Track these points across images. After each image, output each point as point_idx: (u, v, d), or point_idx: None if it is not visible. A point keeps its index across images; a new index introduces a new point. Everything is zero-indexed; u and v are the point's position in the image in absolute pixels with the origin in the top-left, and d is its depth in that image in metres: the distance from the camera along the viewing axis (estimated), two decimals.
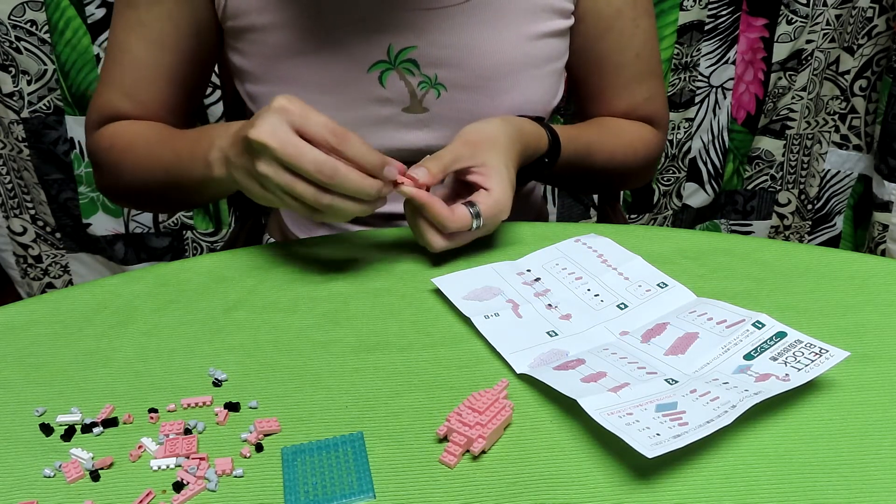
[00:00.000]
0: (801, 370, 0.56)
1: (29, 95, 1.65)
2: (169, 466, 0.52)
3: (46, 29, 1.60)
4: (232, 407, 0.57)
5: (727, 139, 1.88)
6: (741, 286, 0.69)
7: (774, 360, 0.57)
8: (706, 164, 1.90)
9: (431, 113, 0.86)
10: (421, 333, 0.65)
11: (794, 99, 1.85)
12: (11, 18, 1.58)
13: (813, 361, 0.56)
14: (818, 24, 1.77)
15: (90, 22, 1.61)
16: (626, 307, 0.66)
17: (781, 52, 1.79)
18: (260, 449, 0.53)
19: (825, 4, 1.74)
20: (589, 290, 0.68)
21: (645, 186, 1.86)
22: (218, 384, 0.60)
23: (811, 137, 1.91)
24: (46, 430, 0.55)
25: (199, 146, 0.74)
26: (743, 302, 0.64)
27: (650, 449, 0.48)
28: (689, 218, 1.95)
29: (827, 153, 1.92)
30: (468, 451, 0.52)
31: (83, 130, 1.10)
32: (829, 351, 0.57)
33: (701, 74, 1.79)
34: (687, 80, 1.78)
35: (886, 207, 1.77)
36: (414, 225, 0.72)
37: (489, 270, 0.71)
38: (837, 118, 1.88)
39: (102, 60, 0.89)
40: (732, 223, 2.01)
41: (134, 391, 0.59)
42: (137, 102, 0.86)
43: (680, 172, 1.89)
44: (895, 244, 1.78)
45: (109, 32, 0.87)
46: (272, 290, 0.71)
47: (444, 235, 0.72)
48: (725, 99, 1.83)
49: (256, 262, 0.75)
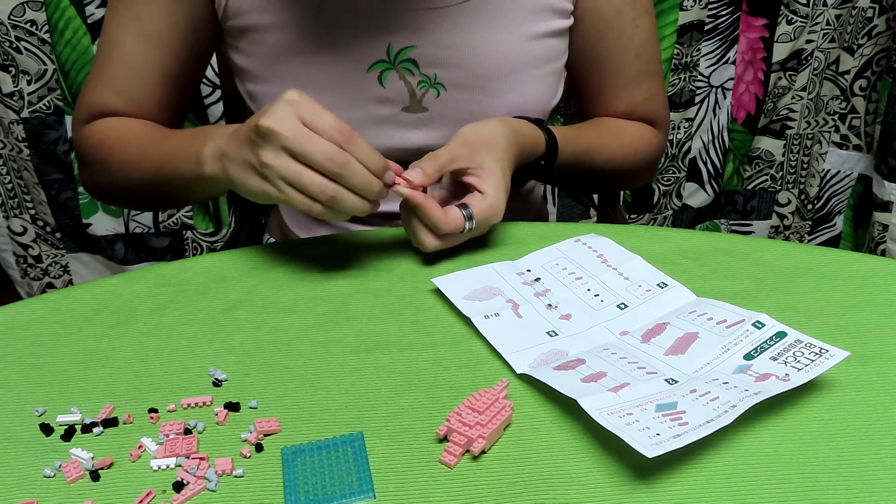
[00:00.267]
0: (801, 370, 0.56)
1: (29, 95, 1.65)
2: (169, 466, 0.52)
3: (46, 29, 1.60)
4: (232, 407, 0.57)
5: (727, 139, 1.88)
6: (741, 286, 0.69)
7: (774, 360, 0.57)
8: (706, 164, 1.90)
9: (431, 112, 0.86)
10: (421, 333, 0.65)
11: (794, 99, 1.85)
12: (11, 18, 1.58)
13: (813, 361, 0.56)
14: (818, 24, 1.77)
15: (90, 22, 1.61)
16: (626, 307, 0.66)
17: (781, 52, 1.79)
18: (260, 449, 0.53)
19: (825, 4, 1.74)
20: (589, 290, 0.68)
21: (645, 186, 1.86)
22: (218, 384, 0.60)
23: (811, 137, 1.91)
24: (46, 430, 0.55)
25: (193, 143, 0.74)
26: (743, 302, 0.64)
27: (650, 449, 0.48)
28: (689, 218, 1.95)
29: (827, 153, 1.92)
30: (468, 451, 0.52)
31: None
32: (829, 351, 0.57)
33: (701, 74, 1.79)
34: (687, 80, 1.78)
35: (886, 207, 1.77)
36: (408, 225, 0.72)
37: (489, 270, 0.71)
38: (837, 118, 1.88)
39: (94, 56, 0.88)
40: (732, 223, 2.01)
41: (134, 391, 0.59)
42: (128, 99, 0.86)
43: (680, 172, 1.89)
44: (895, 244, 1.78)
45: (102, 28, 0.86)
46: (272, 290, 0.71)
47: (436, 236, 0.72)
48: (725, 99, 1.83)
49: (256, 262, 0.75)
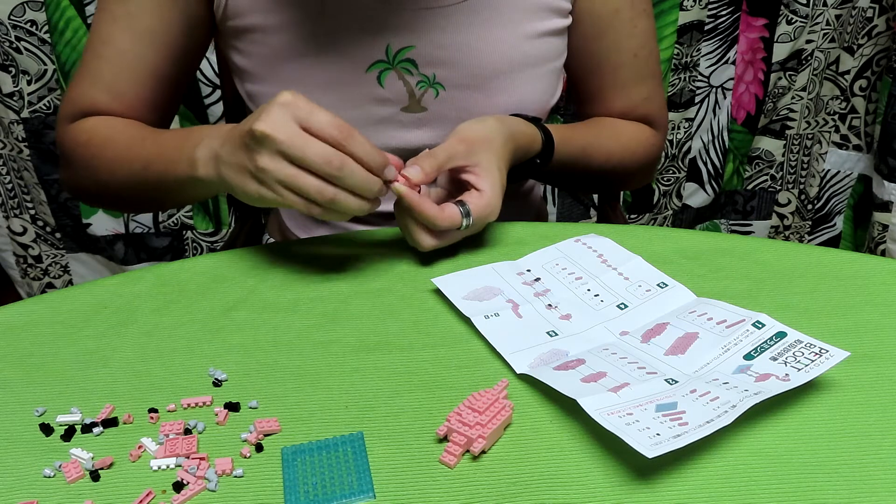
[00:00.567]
0: (801, 370, 0.56)
1: (29, 95, 1.65)
2: (169, 466, 0.52)
3: (46, 29, 1.61)
4: (232, 407, 0.57)
5: (727, 139, 1.88)
6: (741, 286, 0.69)
7: (774, 360, 0.57)
8: (706, 164, 1.90)
9: (430, 112, 0.86)
10: (421, 333, 0.65)
11: (794, 99, 1.85)
12: (11, 18, 1.58)
13: (813, 361, 0.56)
14: (818, 24, 1.77)
15: (90, 22, 1.61)
16: (626, 307, 0.66)
17: (781, 52, 1.79)
18: (260, 449, 0.53)
19: (825, 4, 1.74)
20: (589, 290, 0.68)
21: (645, 186, 1.86)
22: (218, 384, 0.60)
23: (811, 137, 1.91)
24: (46, 430, 0.55)
25: (185, 144, 0.73)
26: (743, 302, 0.64)
27: (650, 449, 0.48)
28: (689, 218, 1.95)
29: (827, 153, 1.92)
30: (468, 451, 0.52)
31: None
32: (829, 351, 0.57)
33: (701, 74, 1.79)
34: (687, 80, 1.78)
35: (886, 207, 1.77)
36: (403, 224, 0.72)
37: (489, 270, 0.71)
38: (837, 118, 1.88)
39: (82, 53, 0.86)
40: (732, 223, 2.01)
41: (134, 391, 0.59)
42: (116, 97, 0.84)
43: (680, 172, 1.89)
44: (895, 244, 1.78)
45: (92, 25, 0.85)
46: (272, 290, 0.71)
47: (432, 234, 0.71)
48: (725, 99, 1.83)
49: (256, 262, 0.75)
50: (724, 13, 1.74)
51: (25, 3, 1.57)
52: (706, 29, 1.75)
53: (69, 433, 0.55)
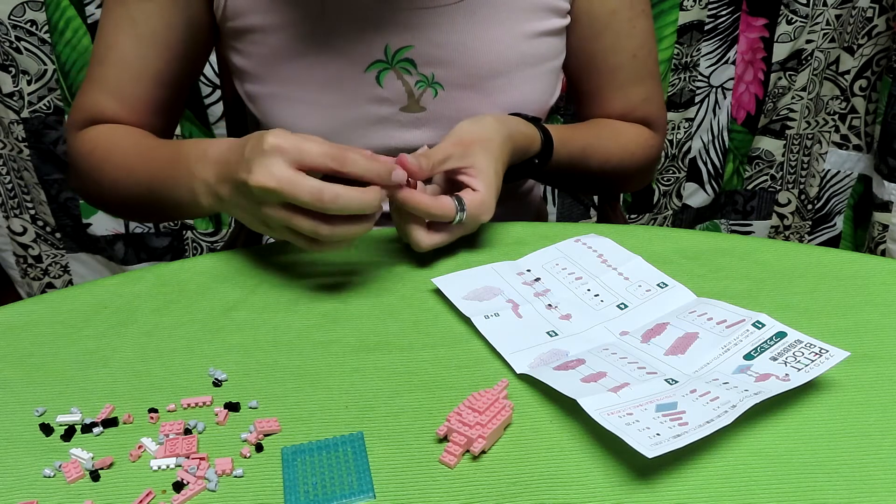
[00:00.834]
0: (801, 370, 0.56)
1: (29, 95, 1.65)
2: (169, 466, 0.52)
3: (46, 29, 1.61)
4: (232, 407, 0.57)
5: (727, 139, 1.88)
6: (741, 286, 0.69)
7: (774, 360, 0.57)
8: (706, 164, 1.90)
9: (429, 112, 0.86)
10: (421, 333, 0.65)
11: (794, 99, 1.85)
12: (11, 18, 1.58)
13: (813, 361, 0.56)
14: (818, 24, 1.77)
15: (90, 22, 1.61)
16: (626, 307, 0.66)
17: (781, 52, 1.79)
18: (260, 449, 0.53)
19: (825, 4, 1.74)
20: (589, 290, 0.68)
21: (645, 186, 1.86)
22: (218, 384, 0.60)
23: (811, 137, 1.91)
24: (46, 430, 0.55)
25: (178, 172, 0.73)
26: (743, 302, 0.64)
27: (650, 449, 0.48)
28: (689, 218, 1.95)
29: (827, 153, 1.92)
30: (468, 451, 0.52)
31: None
32: (829, 351, 0.57)
33: (701, 74, 1.79)
34: (687, 80, 1.78)
35: (886, 207, 1.77)
36: (399, 225, 0.72)
37: (489, 270, 0.71)
38: (837, 118, 1.88)
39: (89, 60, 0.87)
40: (732, 223, 2.01)
41: (134, 391, 0.59)
42: (122, 101, 0.85)
43: (680, 172, 1.89)
44: (895, 244, 1.78)
45: (98, 30, 0.85)
46: (272, 290, 0.71)
47: (428, 232, 0.71)
48: (725, 99, 1.83)
49: (256, 262, 0.75)
50: (724, 13, 1.74)
51: (25, 3, 1.57)
52: (706, 29, 1.75)
53: (69, 433, 0.55)
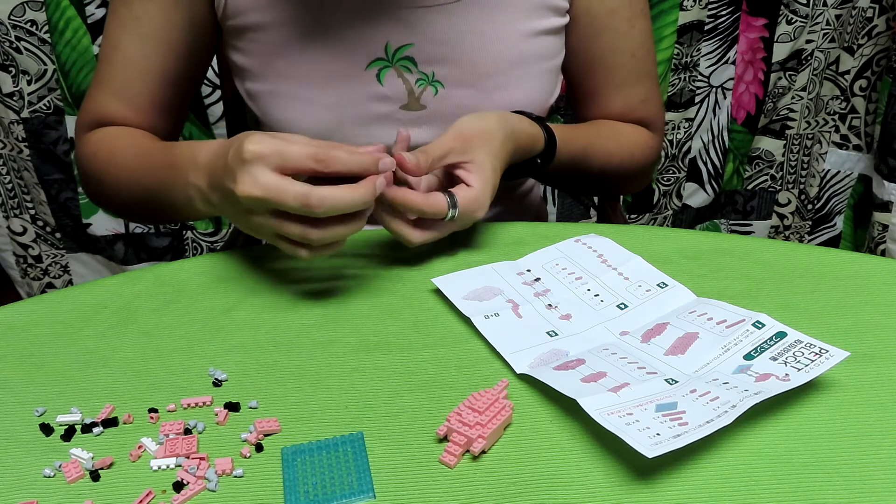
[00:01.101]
0: (801, 370, 0.56)
1: (29, 95, 1.65)
2: (169, 466, 0.52)
3: (46, 29, 1.60)
4: (232, 407, 0.57)
5: (727, 139, 1.88)
6: (741, 286, 0.69)
7: (774, 360, 0.57)
8: (706, 164, 1.90)
9: (429, 110, 0.86)
10: (421, 333, 0.65)
11: (794, 99, 1.85)
12: (11, 18, 1.58)
13: (813, 361, 0.56)
14: (818, 24, 1.77)
15: (90, 22, 1.61)
16: (626, 307, 0.66)
17: (781, 52, 1.79)
18: (260, 449, 0.53)
19: (825, 4, 1.74)
20: (589, 290, 0.68)
21: (644, 188, 1.86)
22: (218, 384, 0.60)
23: (811, 137, 1.91)
24: (46, 430, 0.55)
25: (173, 177, 0.74)
26: (743, 302, 0.64)
27: (650, 449, 0.48)
28: (689, 218, 1.95)
29: (827, 153, 1.92)
30: (468, 451, 0.52)
31: None
32: (829, 351, 0.57)
33: (701, 74, 1.79)
34: (687, 80, 1.78)
35: (886, 207, 1.77)
36: (388, 223, 0.71)
37: (489, 270, 0.71)
38: (837, 118, 1.88)
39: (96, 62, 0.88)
40: (732, 223, 2.01)
41: (134, 391, 0.59)
42: (128, 102, 0.85)
43: (680, 172, 1.89)
44: (895, 244, 1.78)
45: (104, 32, 0.86)
46: (272, 290, 0.71)
47: (419, 228, 0.71)
48: (725, 99, 1.83)
49: (256, 262, 0.75)
50: (724, 13, 1.74)
51: (25, 3, 1.57)
52: (706, 29, 1.75)
53: (69, 433, 0.55)
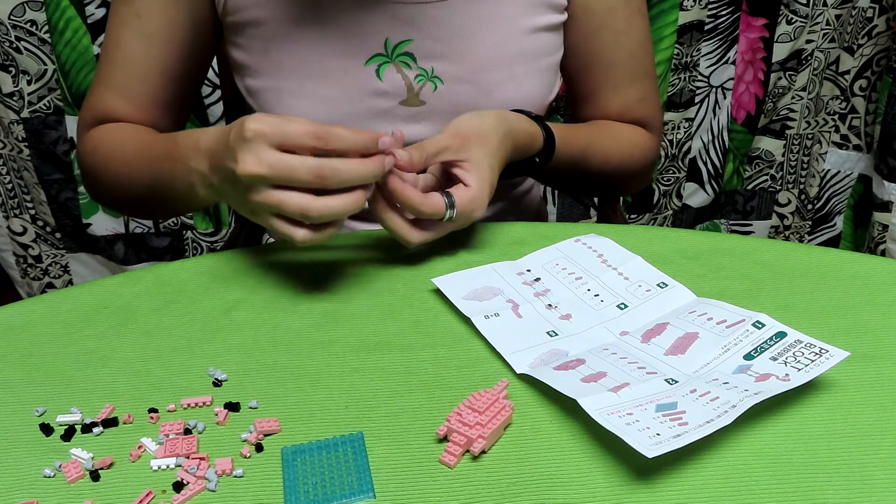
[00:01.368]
0: (801, 370, 0.56)
1: (29, 95, 1.65)
2: (169, 466, 0.52)
3: (46, 29, 1.60)
4: (232, 407, 0.57)
5: (727, 139, 1.88)
6: (741, 286, 0.69)
7: (774, 360, 0.57)
8: (706, 164, 1.90)
9: (428, 106, 0.86)
10: (421, 333, 0.65)
11: (794, 99, 1.85)
12: (11, 18, 1.58)
13: (813, 361, 0.56)
14: (818, 24, 1.77)
15: (90, 22, 1.61)
16: (626, 307, 0.66)
17: (781, 52, 1.79)
18: (260, 449, 0.53)
19: (825, 4, 1.74)
20: (589, 290, 0.68)
21: (642, 189, 1.86)
22: (218, 384, 0.60)
23: (811, 137, 1.91)
24: (46, 430, 0.55)
25: (174, 164, 0.73)
26: (743, 302, 0.64)
27: (650, 449, 0.48)
28: (689, 218, 1.95)
29: (827, 153, 1.92)
30: (468, 451, 0.52)
31: None
32: (829, 351, 0.57)
33: (701, 74, 1.79)
34: (687, 80, 1.78)
35: (886, 207, 1.77)
36: (386, 221, 0.70)
37: (489, 270, 0.71)
38: (837, 118, 1.88)
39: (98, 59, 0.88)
40: (732, 223, 2.01)
41: (134, 391, 0.59)
42: (129, 99, 0.86)
43: (680, 172, 1.89)
44: (895, 244, 1.78)
45: (106, 30, 0.86)
46: (272, 290, 0.71)
47: (418, 228, 0.71)
48: (725, 99, 1.83)
49: (256, 262, 0.75)
50: (724, 13, 1.74)
51: (25, 3, 1.57)
52: (706, 29, 1.75)
53: (69, 433, 0.55)
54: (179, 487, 0.50)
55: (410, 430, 0.55)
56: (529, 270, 0.72)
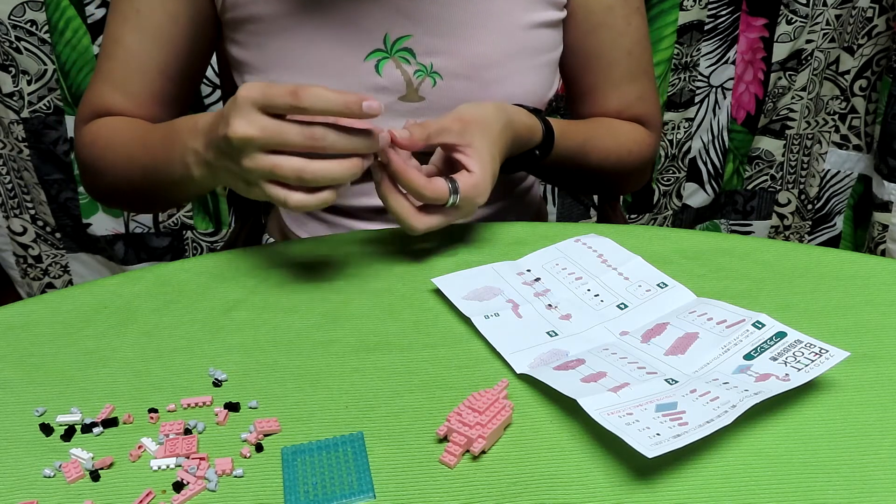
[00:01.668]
0: (801, 370, 0.56)
1: (29, 95, 1.65)
2: (169, 466, 0.52)
3: (46, 29, 1.60)
4: (232, 407, 0.57)
5: (727, 139, 1.88)
6: (741, 286, 0.69)
7: (774, 360, 0.57)
8: (706, 164, 1.90)
9: (427, 102, 0.86)
10: (421, 333, 0.65)
11: (794, 99, 1.85)
12: (11, 18, 1.58)
13: (813, 361, 0.56)
14: (818, 24, 1.77)
15: (90, 22, 1.61)
16: (626, 307, 0.66)
17: (781, 52, 1.79)
18: (260, 449, 0.53)
19: (825, 4, 1.74)
20: (589, 290, 0.68)
21: (645, 186, 1.86)
22: (218, 384, 0.60)
23: (811, 137, 1.91)
24: (46, 430, 0.55)
25: (172, 148, 0.73)
26: (743, 302, 0.64)
27: (650, 449, 0.48)
28: (689, 218, 1.95)
29: (827, 153, 1.92)
30: (468, 451, 0.52)
31: None
32: (829, 351, 0.57)
33: (701, 74, 1.79)
34: (687, 80, 1.78)
35: (886, 207, 1.77)
36: (393, 207, 0.70)
37: (489, 270, 0.71)
38: (837, 118, 1.88)
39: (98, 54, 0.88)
40: (732, 223, 2.01)
41: (134, 391, 0.59)
42: (128, 95, 0.86)
43: (680, 172, 1.89)
44: (895, 244, 1.78)
45: (105, 25, 0.86)
46: (272, 290, 0.71)
47: (423, 213, 0.70)
48: (725, 99, 1.83)
49: (256, 262, 0.75)
50: (723, 13, 1.74)
51: (25, 3, 1.57)
52: (706, 29, 1.75)
53: (69, 433, 0.55)
54: (179, 487, 0.50)
55: (410, 430, 0.55)
56: (529, 270, 0.72)
